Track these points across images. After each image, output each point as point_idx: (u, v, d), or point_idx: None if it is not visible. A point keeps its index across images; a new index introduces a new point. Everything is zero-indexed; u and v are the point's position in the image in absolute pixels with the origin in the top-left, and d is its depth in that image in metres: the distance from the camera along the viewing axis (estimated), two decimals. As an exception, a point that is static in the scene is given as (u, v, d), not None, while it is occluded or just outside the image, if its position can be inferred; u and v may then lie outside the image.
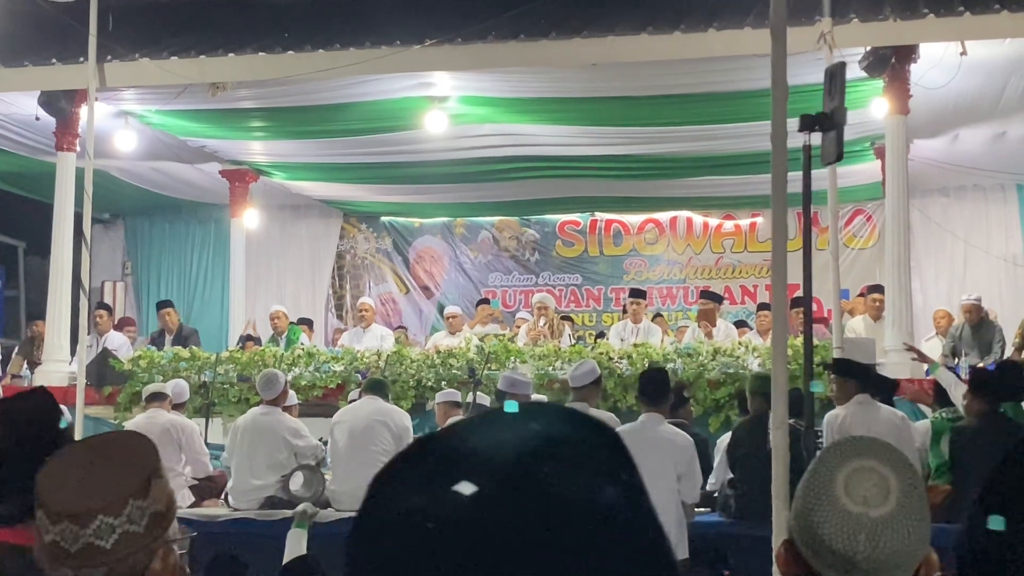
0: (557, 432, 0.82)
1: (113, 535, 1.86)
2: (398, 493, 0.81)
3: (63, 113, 11.94)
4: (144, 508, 1.89)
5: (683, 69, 11.02)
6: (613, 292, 17.05)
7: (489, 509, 0.77)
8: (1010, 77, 11.07)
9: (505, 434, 0.82)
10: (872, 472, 1.76)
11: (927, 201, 15.36)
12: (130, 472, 1.91)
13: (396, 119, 12.57)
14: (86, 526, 1.85)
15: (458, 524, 0.77)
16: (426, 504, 0.79)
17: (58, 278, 11.93)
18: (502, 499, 0.78)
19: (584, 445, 0.82)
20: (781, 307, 5.60)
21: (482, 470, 0.79)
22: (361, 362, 11.35)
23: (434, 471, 0.81)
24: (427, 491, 0.79)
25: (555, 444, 0.81)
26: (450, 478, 0.79)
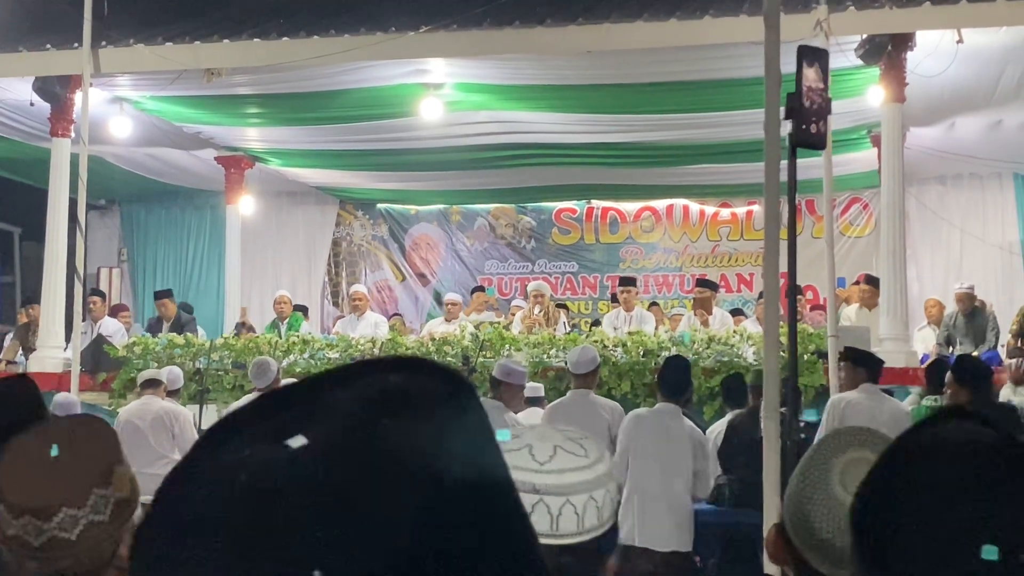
0: (407, 385, 0.75)
1: (77, 527, 1.83)
2: (229, 446, 0.73)
3: (58, 99, 11.91)
4: (108, 497, 1.86)
5: (679, 57, 11.00)
6: (609, 280, 17.02)
7: (312, 462, 0.70)
8: (1006, 65, 11.05)
9: (358, 386, 0.75)
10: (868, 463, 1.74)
11: (923, 189, 15.36)
12: (91, 461, 1.87)
13: (391, 106, 12.54)
14: (49, 519, 1.82)
15: (270, 478, 0.70)
16: (245, 458, 0.71)
17: (53, 264, 11.90)
18: (329, 454, 0.70)
19: (433, 397, 0.75)
20: (773, 296, 5.59)
21: (321, 423, 0.72)
22: (356, 349, 11.35)
23: (273, 424, 0.73)
24: (259, 445, 0.72)
25: (400, 397, 0.74)
26: (286, 432, 0.72)
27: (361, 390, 0.74)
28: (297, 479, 0.68)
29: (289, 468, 0.69)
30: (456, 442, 0.72)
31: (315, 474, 0.69)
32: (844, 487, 1.72)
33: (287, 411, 0.74)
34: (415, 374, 0.76)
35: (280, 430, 0.71)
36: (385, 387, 0.74)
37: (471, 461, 0.72)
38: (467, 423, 0.75)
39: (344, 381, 0.75)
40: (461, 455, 0.72)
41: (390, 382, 0.74)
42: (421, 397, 0.74)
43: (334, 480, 0.69)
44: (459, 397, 0.76)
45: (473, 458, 0.73)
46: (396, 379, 0.75)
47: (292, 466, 0.69)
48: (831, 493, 1.72)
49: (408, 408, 0.73)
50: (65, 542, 1.83)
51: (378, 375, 0.76)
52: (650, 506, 7.30)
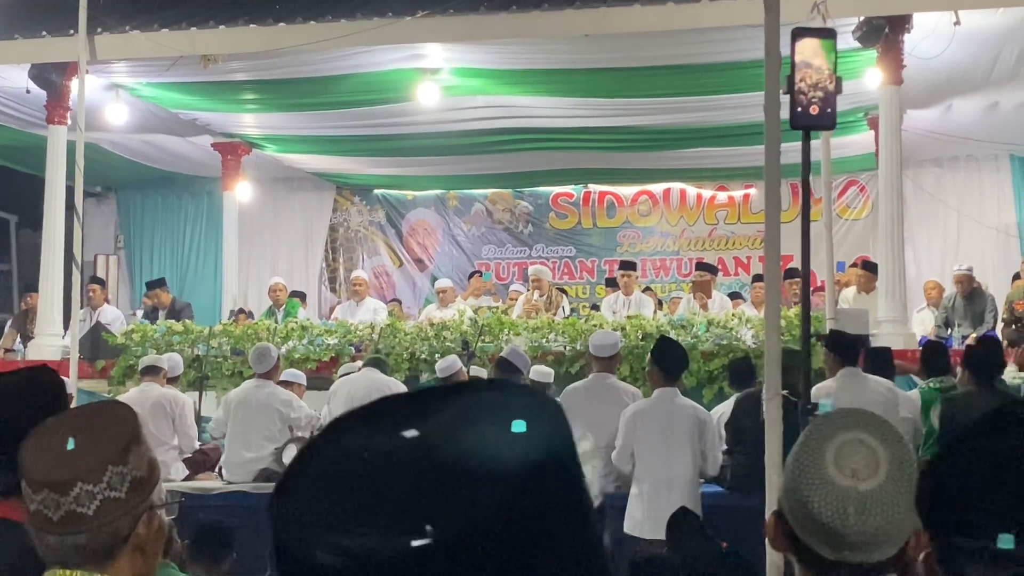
0: (506, 401, 0.92)
1: (94, 502, 1.88)
2: (346, 433, 0.91)
3: (54, 86, 11.89)
4: (124, 474, 1.91)
5: (676, 40, 10.97)
6: (607, 264, 17.04)
7: (424, 450, 0.87)
8: (1003, 47, 11.04)
9: (461, 397, 0.93)
10: (861, 445, 1.75)
11: (920, 171, 15.36)
12: (108, 439, 1.92)
13: (388, 91, 12.52)
14: (66, 494, 1.88)
15: (388, 457, 0.87)
16: (368, 442, 0.89)
17: (50, 252, 11.90)
18: (438, 444, 0.87)
19: (526, 411, 0.91)
20: (773, 279, 5.60)
21: (428, 422, 0.89)
22: (355, 335, 11.35)
23: (385, 419, 0.91)
24: (374, 434, 0.89)
25: (501, 408, 0.91)
26: (399, 427, 0.89)
27: (466, 398, 0.93)
28: (411, 458, 0.87)
29: (404, 450, 0.87)
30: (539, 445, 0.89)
31: (426, 456, 0.87)
32: (839, 469, 1.72)
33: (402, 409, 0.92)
34: (512, 395, 0.94)
35: (394, 424, 0.89)
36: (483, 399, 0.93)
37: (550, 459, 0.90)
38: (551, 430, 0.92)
39: (447, 392, 0.94)
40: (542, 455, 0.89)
41: (487, 396, 0.93)
42: (512, 405, 0.91)
43: (440, 461, 0.87)
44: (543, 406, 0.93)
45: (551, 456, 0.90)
46: (492, 395, 0.93)
47: (407, 449, 0.88)
48: (826, 477, 1.72)
49: (502, 412, 0.90)
50: (82, 517, 1.88)
51: (484, 391, 0.94)
52: (657, 496, 7.34)
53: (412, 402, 0.93)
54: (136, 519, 1.94)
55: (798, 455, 1.79)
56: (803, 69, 5.47)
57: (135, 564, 1.95)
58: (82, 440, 1.92)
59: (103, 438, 1.93)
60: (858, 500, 1.70)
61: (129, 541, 1.94)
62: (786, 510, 1.79)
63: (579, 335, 10.50)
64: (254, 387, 9.14)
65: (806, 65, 5.46)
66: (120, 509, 1.91)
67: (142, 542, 1.95)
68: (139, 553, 1.96)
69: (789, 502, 1.78)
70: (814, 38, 5.53)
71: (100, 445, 1.91)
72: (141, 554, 1.96)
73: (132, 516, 1.93)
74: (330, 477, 0.88)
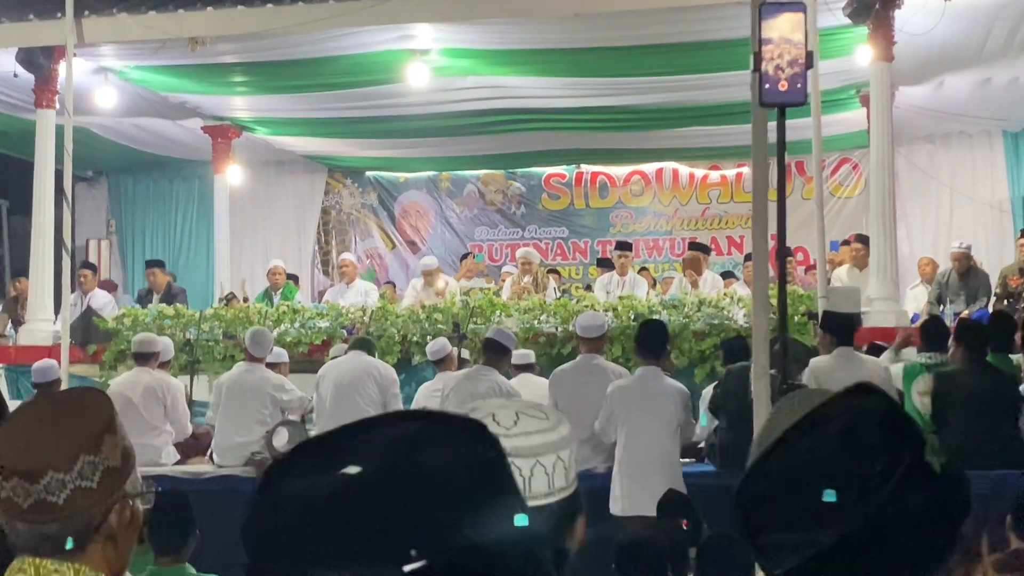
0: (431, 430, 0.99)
1: (64, 491, 1.86)
2: (293, 474, 0.97)
3: (42, 70, 11.83)
4: (96, 463, 1.89)
5: (666, 18, 10.94)
6: (599, 244, 17.02)
7: (371, 482, 0.94)
8: (995, 22, 11.00)
9: (384, 432, 0.98)
10: None
11: (913, 148, 15.34)
12: (81, 428, 1.90)
13: (378, 72, 12.48)
14: (36, 482, 1.86)
15: (345, 497, 0.93)
16: (317, 482, 0.94)
17: (41, 237, 11.85)
18: (383, 477, 0.94)
19: (452, 435, 0.98)
20: (762, 257, 5.59)
21: (363, 458, 0.95)
22: (346, 318, 11.34)
23: (323, 460, 0.96)
24: (318, 473, 0.95)
25: (428, 438, 0.97)
26: (335, 465, 0.95)
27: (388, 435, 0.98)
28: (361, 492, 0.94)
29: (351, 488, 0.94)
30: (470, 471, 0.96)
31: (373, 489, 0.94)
32: None
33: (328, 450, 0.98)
34: (430, 423, 1.00)
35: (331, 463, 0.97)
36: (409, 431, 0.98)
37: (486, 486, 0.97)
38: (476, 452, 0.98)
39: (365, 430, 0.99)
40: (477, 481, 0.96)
41: (410, 428, 0.99)
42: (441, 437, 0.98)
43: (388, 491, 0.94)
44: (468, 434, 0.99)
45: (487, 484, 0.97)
46: (415, 426, 0.99)
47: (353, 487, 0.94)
48: None
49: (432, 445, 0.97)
50: (52, 505, 1.86)
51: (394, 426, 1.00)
52: (640, 474, 7.41)
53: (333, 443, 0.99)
54: (108, 509, 1.91)
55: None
56: (771, 45, 5.40)
57: (107, 554, 1.94)
58: (54, 428, 1.90)
59: (76, 426, 1.90)
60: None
61: (101, 531, 1.91)
62: None
63: (570, 316, 10.48)
64: (245, 371, 9.14)
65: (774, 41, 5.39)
66: (91, 499, 1.89)
67: (114, 532, 1.93)
68: (111, 543, 1.94)
69: None
70: (783, 12, 5.46)
71: (73, 433, 1.89)
72: (112, 544, 1.94)
73: (104, 506, 1.91)
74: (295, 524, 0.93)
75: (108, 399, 2.01)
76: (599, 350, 8.48)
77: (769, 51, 5.36)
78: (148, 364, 9.45)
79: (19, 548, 1.92)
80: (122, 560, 1.98)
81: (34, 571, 1.89)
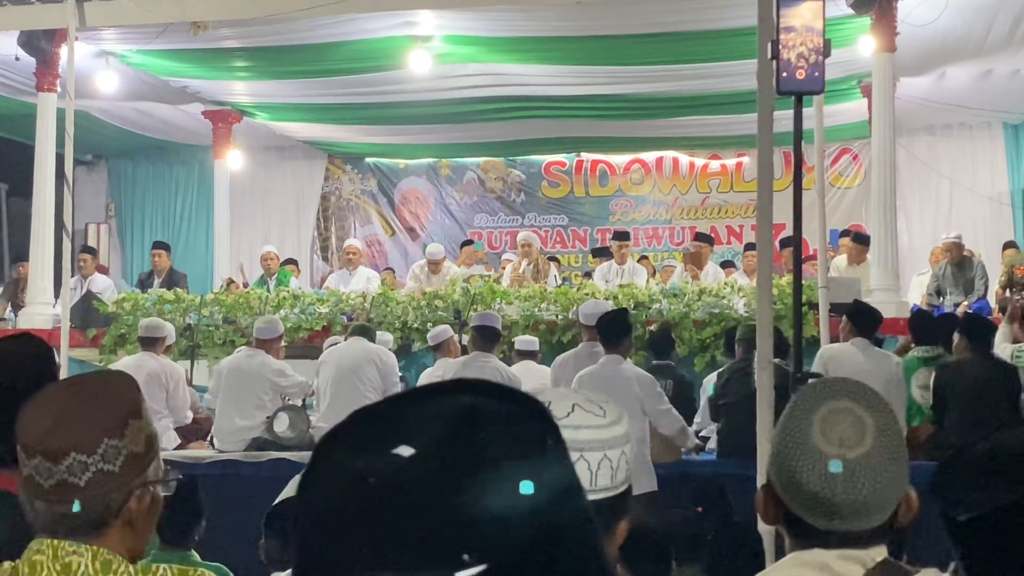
0: (485, 404, 0.91)
1: (87, 473, 1.87)
2: (341, 456, 0.90)
3: (43, 53, 11.81)
4: (119, 448, 1.89)
5: (669, 7, 10.94)
6: (599, 233, 17.02)
7: (426, 468, 0.86)
8: (997, 14, 11.00)
9: (440, 406, 0.91)
10: (847, 413, 1.75)
11: (913, 139, 15.33)
12: (107, 411, 1.91)
13: (380, 59, 12.46)
14: (59, 462, 1.86)
15: (397, 482, 0.86)
16: (367, 465, 0.87)
17: (41, 220, 11.85)
18: (437, 460, 0.86)
19: (513, 415, 0.90)
20: (766, 247, 5.59)
21: (419, 435, 0.88)
22: (347, 304, 11.34)
23: (374, 437, 0.89)
24: (368, 454, 0.88)
25: (485, 414, 0.89)
26: (389, 443, 0.88)
27: (444, 408, 0.90)
28: (415, 482, 0.86)
29: (407, 473, 0.87)
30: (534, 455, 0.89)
31: (427, 479, 0.86)
32: (825, 438, 1.72)
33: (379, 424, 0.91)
34: (486, 396, 0.92)
35: (382, 441, 0.88)
36: (465, 405, 0.91)
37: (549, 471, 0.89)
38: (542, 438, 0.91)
39: (422, 401, 0.92)
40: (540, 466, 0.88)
41: (467, 402, 0.91)
42: (501, 414, 0.90)
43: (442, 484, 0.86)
44: (532, 414, 0.92)
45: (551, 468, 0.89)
46: (470, 399, 0.91)
47: (409, 471, 0.87)
48: (813, 446, 1.72)
49: (494, 423, 0.89)
50: (73, 487, 1.87)
51: (452, 396, 0.92)
52: None
53: (385, 415, 0.92)
54: (129, 494, 1.92)
55: (785, 425, 1.79)
56: (788, 34, 5.42)
57: (125, 539, 1.94)
58: (80, 410, 1.90)
59: (101, 409, 1.91)
60: (847, 468, 1.70)
61: (120, 516, 1.92)
62: (775, 482, 1.79)
63: (571, 304, 10.49)
64: (246, 356, 9.14)
65: (792, 30, 5.41)
66: (113, 483, 1.89)
67: (133, 517, 1.93)
68: (129, 528, 1.94)
69: (777, 473, 1.78)
70: (800, 2, 5.47)
71: (97, 416, 1.90)
72: (131, 529, 1.94)
73: (125, 490, 1.91)
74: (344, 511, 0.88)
75: (135, 383, 2.01)
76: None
77: (788, 39, 5.38)
78: (154, 349, 9.45)
79: (38, 528, 1.92)
80: (140, 545, 1.99)
81: (52, 552, 1.89)
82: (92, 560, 1.90)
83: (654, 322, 10.31)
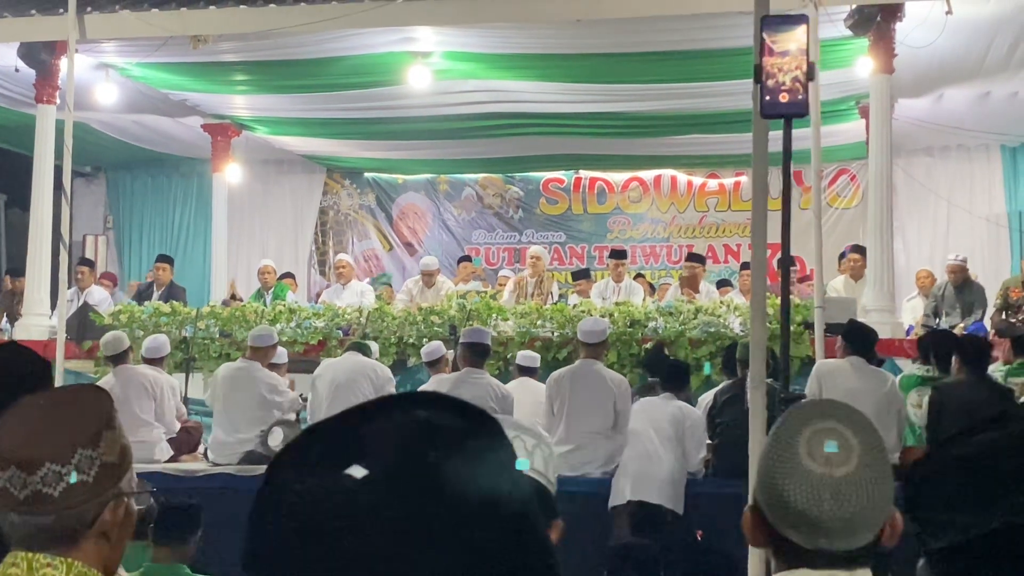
0: (441, 420, 0.89)
1: (61, 483, 1.86)
2: (293, 476, 0.88)
3: (43, 65, 11.85)
4: (93, 458, 1.89)
5: (668, 26, 10.96)
6: (597, 250, 17.03)
7: (378, 491, 0.85)
8: (995, 36, 11.03)
9: (393, 422, 0.89)
10: (833, 433, 1.76)
11: (911, 161, 15.36)
12: (81, 422, 1.90)
13: (379, 74, 12.49)
14: (33, 473, 1.86)
15: (349, 505, 0.84)
16: (318, 487, 0.86)
17: (38, 231, 11.85)
18: (389, 482, 0.85)
19: (466, 432, 0.89)
20: (760, 266, 5.60)
21: (371, 455, 0.86)
22: (343, 318, 11.34)
23: (326, 456, 0.88)
24: (320, 475, 0.86)
25: (439, 431, 0.88)
26: (341, 462, 0.86)
27: (397, 425, 0.89)
28: (366, 509, 0.84)
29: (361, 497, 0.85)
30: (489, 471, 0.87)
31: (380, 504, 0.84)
32: (812, 458, 1.73)
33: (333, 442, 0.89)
34: (439, 410, 0.90)
35: (336, 460, 0.87)
36: (419, 421, 0.89)
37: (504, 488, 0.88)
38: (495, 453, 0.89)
39: (375, 416, 0.90)
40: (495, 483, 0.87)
41: (420, 417, 0.89)
42: (453, 431, 0.88)
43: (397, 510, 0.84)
44: (482, 430, 0.90)
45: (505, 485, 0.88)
46: (424, 414, 0.89)
47: (363, 495, 0.85)
48: (800, 465, 1.73)
49: (446, 441, 0.87)
50: (47, 497, 1.86)
51: (405, 410, 0.90)
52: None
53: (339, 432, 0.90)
54: (103, 505, 1.91)
55: (771, 445, 1.80)
56: (773, 56, 5.40)
57: (100, 551, 1.93)
58: (54, 421, 1.90)
59: (75, 420, 1.91)
60: (833, 486, 1.71)
61: (94, 527, 1.91)
62: (762, 502, 1.80)
63: (567, 321, 10.51)
64: (240, 368, 9.14)
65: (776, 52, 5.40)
66: (87, 493, 1.88)
67: (107, 528, 1.92)
68: (104, 540, 1.93)
69: (764, 493, 1.79)
70: (785, 24, 5.47)
71: (71, 427, 1.89)
72: (106, 541, 1.93)
73: (99, 501, 1.90)
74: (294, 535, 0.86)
75: (108, 396, 2.01)
76: (599, 356, 8.53)
77: (771, 63, 5.36)
78: (126, 362, 9.46)
79: (13, 541, 1.91)
80: (115, 557, 1.98)
81: (27, 565, 1.88)
82: (66, 573, 1.89)
83: (649, 340, 10.32)
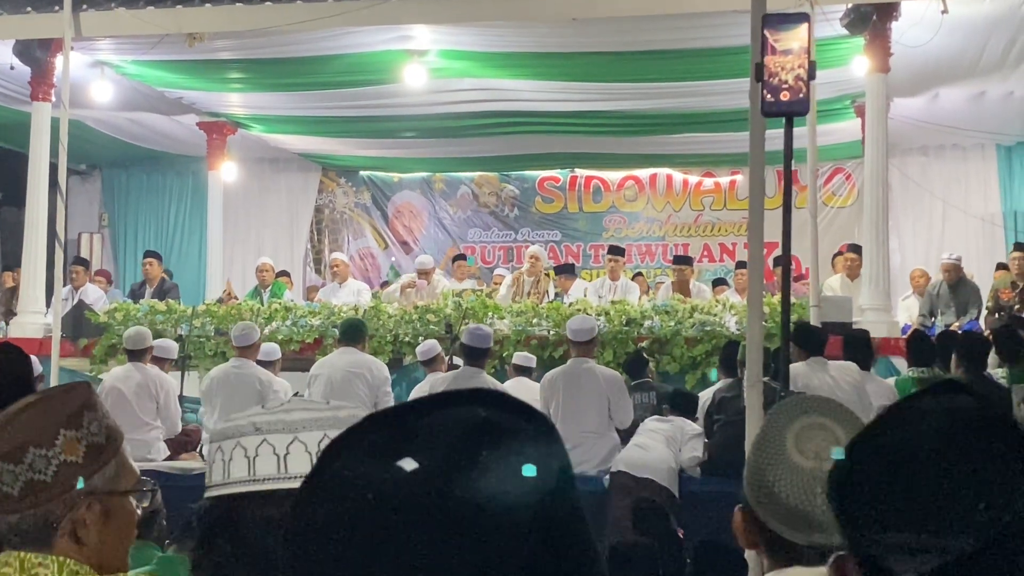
0: (498, 418, 0.88)
1: (51, 466, 1.85)
2: (345, 462, 0.88)
3: (38, 62, 11.82)
4: (49, 458, 1.86)
5: (664, 24, 10.95)
6: (592, 249, 17.04)
7: (426, 486, 0.84)
8: (991, 36, 11.04)
9: (452, 417, 0.88)
10: (820, 427, 1.77)
11: (906, 160, 15.37)
12: (60, 407, 1.90)
13: (375, 72, 12.47)
14: (20, 462, 1.85)
15: (396, 497, 0.83)
16: (369, 475, 0.85)
17: (33, 229, 11.84)
18: (439, 477, 0.84)
19: (521, 433, 0.88)
20: (757, 265, 5.60)
21: (425, 448, 0.85)
22: (338, 317, 11.32)
23: (381, 445, 0.87)
24: (371, 463, 0.86)
25: (495, 430, 0.87)
26: (395, 453, 0.85)
27: (456, 420, 0.88)
28: (414, 500, 0.84)
29: (406, 489, 0.83)
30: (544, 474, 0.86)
31: (429, 496, 0.84)
32: (800, 452, 1.74)
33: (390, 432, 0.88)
34: (501, 409, 0.89)
35: (388, 450, 0.86)
36: (478, 419, 0.88)
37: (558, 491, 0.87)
38: (551, 456, 0.88)
39: (436, 409, 0.90)
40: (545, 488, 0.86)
41: (480, 415, 0.88)
42: (511, 432, 0.87)
43: (444, 504, 0.83)
44: (541, 433, 0.89)
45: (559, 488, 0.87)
46: (485, 412, 0.89)
47: (409, 487, 0.84)
48: (789, 460, 1.73)
49: (502, 441, 0.86)
50: (42, 484, 1.85)
51: (467, 407, 0.89)
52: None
53: (398, 422, 0.90)
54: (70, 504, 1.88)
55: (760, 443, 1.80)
56: (774, 55, 5.41)
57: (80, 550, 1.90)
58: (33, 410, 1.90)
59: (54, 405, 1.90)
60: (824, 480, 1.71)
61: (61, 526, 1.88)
62: (752, 501, 1.80)
63: (563, 320, 10.49)
64: (233, 367, 9.14)
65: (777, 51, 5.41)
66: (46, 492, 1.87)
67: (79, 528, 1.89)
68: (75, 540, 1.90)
69: (755, 491, 1.79)
70: (786, 23, 5.47)
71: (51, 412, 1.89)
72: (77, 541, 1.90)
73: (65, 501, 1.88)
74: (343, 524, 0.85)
75: (85, 395, 1.96)
76: (590, 354, 8.54)
77: (773, 61, 5.37)
78: (142, 359, 9.42)
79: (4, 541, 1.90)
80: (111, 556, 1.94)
81: (19, 564, 1.87)
82: (58, 572, 1.87)
83: (645, 339, 10.32)
